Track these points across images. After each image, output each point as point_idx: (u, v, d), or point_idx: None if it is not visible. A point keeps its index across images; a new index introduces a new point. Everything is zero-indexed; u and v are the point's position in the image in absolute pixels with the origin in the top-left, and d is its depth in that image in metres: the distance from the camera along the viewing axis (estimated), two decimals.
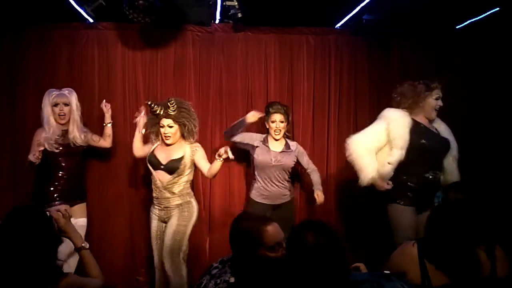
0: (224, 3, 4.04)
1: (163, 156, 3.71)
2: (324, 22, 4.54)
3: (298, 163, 4.14)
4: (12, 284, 1.84)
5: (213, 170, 3.60)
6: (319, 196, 4.00)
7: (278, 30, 4.55)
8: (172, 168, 3.66)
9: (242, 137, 4.07)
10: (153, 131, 3.78)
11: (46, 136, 3.76)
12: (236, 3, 4.00)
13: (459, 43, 4.58)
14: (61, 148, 3.81)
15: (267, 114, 4.05)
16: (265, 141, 4.04)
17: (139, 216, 4.37)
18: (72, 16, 4.20)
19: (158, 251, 3.74)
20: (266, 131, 4.12)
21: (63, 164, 3.84)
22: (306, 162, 4.14)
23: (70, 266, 3.55)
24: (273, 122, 4.00)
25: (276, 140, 4.03)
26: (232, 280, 2.03)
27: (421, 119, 3.59)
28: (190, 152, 3.70)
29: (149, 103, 3.66)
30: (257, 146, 4.03)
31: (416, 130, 3.52)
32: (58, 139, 3.80)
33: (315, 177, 4.12)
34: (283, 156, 4.01)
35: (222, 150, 3.43)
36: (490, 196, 3.80)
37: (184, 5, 4.32)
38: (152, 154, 3.74)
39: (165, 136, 3.67)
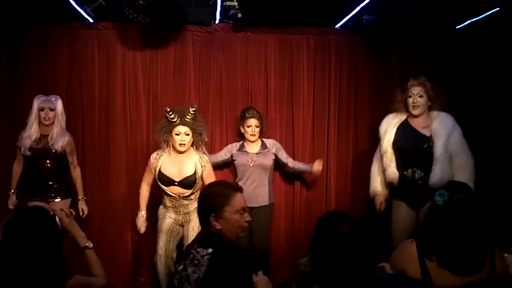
0: (224, 3, 4.04)
1: (174, 172, 3.66)
2: (324, 22, 4.53)
3: (277, 160, 4.23)
4: (18, 285, 1.84)
5: None
6: (315, 165, 4.21)
7: (278, 30, 4.55)
8: (189, 184, 3.64)
9: (219, 156, 4.24)
10: (165, 139, 3.70)
11: (23, 140, 3.91)
12: (236, 3, 4.00)
13: (459, 43, 4.58)
14: (35, 152, 3.91)
15: (243, 119, 4.19)
16: (242, 147, 4.20)
17: None
18: (72, 16, 4.20)
19: (165, 245, 3.74)
20: (241, 136, 4.24)
21: (37, 166, 3.94)
22: (286, 157, 4.27)
23: None
24: (248, 126, 4.14)
25: (252, 142, 4.17)
26: (210, 250, 2.08)
27: (411, 119, 3.83)
28: (200, 167, 3.69)
29: (168, 109, 3.63)
30: (232, 154, 4.21)
31: (400, 130, 3.83)
32: (33, 144, 3.90)
33: (299, 163, 4.30)
34: (259, 156, 4.14)
35: None
36: (489, 196, 3.82)
37: (184, 5, 4.33)
38: (161, 173, 3.67)
39: (180, 144, 3.64)
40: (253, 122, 4.14)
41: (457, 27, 4.58)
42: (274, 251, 4.41)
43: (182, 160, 3.69)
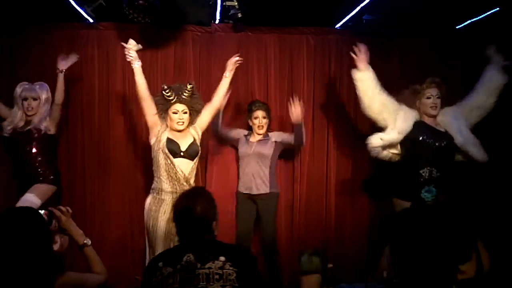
0: (224, 3, 4.05)
1: (179, 142, 3.54)
2: (324, 22, 4.54)
3: (287, 145, 4.20)
4: (6, 285, 1.83)
5: (221, 93, 3.73)
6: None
7: (278, 30, 4.55)
8: (194, 152, 3.56)
9: (228, 132, 4.25)
10: (163, 116, 3.58)
11: (7, 123, 3.86)
12: (236, 3, 4.00)
13: (459, 43, 4.58)
14: (19, 136, 3.84)
15: (250, 112, 4.20)
16: (247, 136, 4.22)
17: (139, 215, 4.35)
18: (72, 16, 4.21)
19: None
20: (249, 129, 4.25)
21: (21, 152, 3.86)
22: (287, 136, 4.20)
23: None
24: (255, 118, 4.15)
25: (260, 134, 4.18)
26: (222, 258, 2.03)
27: (425, 119, 3.73)
28: (196, 133, 3.64)
29: (165, 87, 3.53)
30: (238, 138, 4.23)
31: (419, 127, 3.67)
32: (18, 127, 3.83)
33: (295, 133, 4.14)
34: (260, 144, 4.15)
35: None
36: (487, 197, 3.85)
37: (184, 5, 4.32)
38: (169, 140, 3.51)
39: (178, 123, 3.52)
40: (260, 113, 4.15)
41: (457, 27, 4.58)
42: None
43: (181, 134, 3.59)
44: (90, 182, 4.38)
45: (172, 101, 3.51)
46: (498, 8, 4.10)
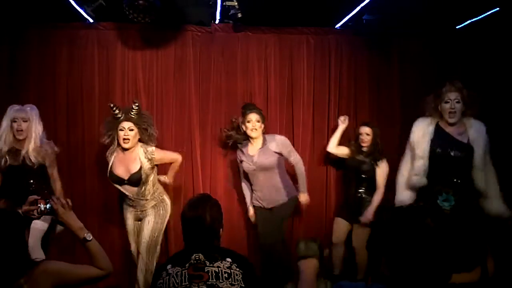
0: (224, 3, 4.04)
1: (122, 171, 3.72)
2: (324, 22, 4.54)
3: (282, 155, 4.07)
4: None
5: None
6: (301, 197, 4.04)
7: (278, 30, 4.55)
8: (136, 180, 3.71)
9: (242, 171, 4.16)
10: (109, 135, 3.74)
11: None
12: (236, 3, 4.00)
13: (459, 43, 4.58)
14: (14, 170, 3.55)
15: (243, 115, 4.05)
16: (244, 150, 4.05)
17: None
18: (72, 16, 4.21)
19: (136, 244, 3.86)
20: (243, 134, 4.07)
21: (19, 183, 3.58)
22: (288, 153, 4.03)
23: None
24: (249, 121, 3.99)
25: (254, 138, 4.00)
26: (229, 259, 2.09)
27: (444, 124, 3.63)
28: (146, 161, 3.71)
29: (112, 105, 3.68)
30: (240, 157, 4.10)
31: (437, 137, 3.59)
32: (11, 161, 3.53)
33: (299, 171, 4.05)
34: (259, 155, 3.96)
35: None
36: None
37: (184, 5, 4.32)
38: (111, 171, 3.74)
39: (124, 139, 3.66)
40: (253, 117, 3.99)
41: (457, 27, 4.58)
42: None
43: (129, 157, 3.73)
44: (90, 181, 4.37)
45: (119, 119, 3.68)
46: (498, 8, 4.09)
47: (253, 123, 3.98)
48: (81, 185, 4.39)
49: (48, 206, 2.09)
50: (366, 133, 4.14)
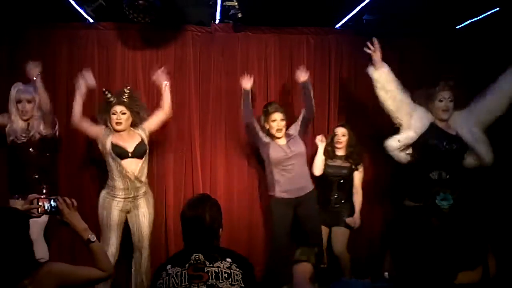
0: (224, 3, 4.05)
1: (125, 145, 3.77)
2: (324, 22, 4.54)
3: (304, 126, 4.10)
4: None
5: (168, 98, 3.95)
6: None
7: (278, 30, 4.55)
8: (142, 151, 3.78)
9: (256, 128, 4.05)
10: (103, 118, 3.86)
11: (11, 129, 3.71)
12: (236, 3, 4.00)
13: (459, 43, 4.58)
14: (27, 139, 3.70)
15: (266, 114, 4.04)
16: (269, 139, 4.03)
17: None
18: (72, 16, 4.21)
19: (118, 240, 3.79)
20: (266, 132, 4.08)
21: (20, 158, 3.72)
22: (297, 121, 4.12)
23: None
24: (273, 121, 3.98)
25: (279, 138, 4.03)
26: (229, 260, 2.10)
27: (437, 122, 3.74)
28: (144, 133, 3.86)
29: (105, 91, 3.80)
30: (268, 142, 4.02)
31: (430, 129, 3.68)
32: (22, 132, 3.70)
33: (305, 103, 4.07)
34: (292, 144, 3.99)
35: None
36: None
37: (184, 5, 4.33)
38: (114, 144, 3.75)
39: (116, 123, 3.75)
40: (278, 116, 3.97)
41: (457, 27, 4.58)
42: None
43: (126, 136, 3.81)
44: (90, 181, 4.37)
45: (112, 103, 3.78)
46: (498, 8, 4.09)
47: (278, 123, 3.98)
48: (80, 185, 4.39)
49: (53, 205, 2.08)
50: (342, 134, 4.16)
